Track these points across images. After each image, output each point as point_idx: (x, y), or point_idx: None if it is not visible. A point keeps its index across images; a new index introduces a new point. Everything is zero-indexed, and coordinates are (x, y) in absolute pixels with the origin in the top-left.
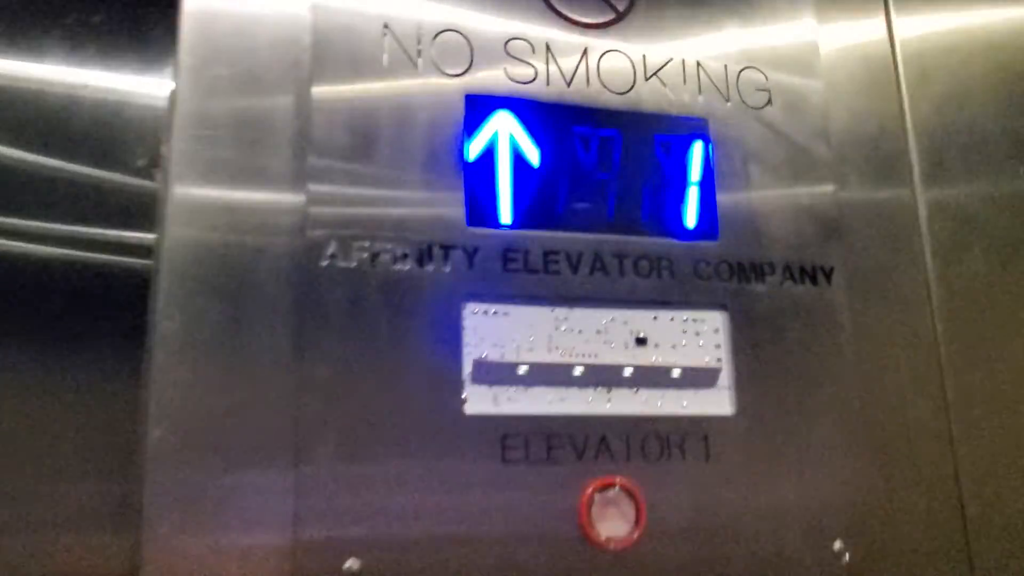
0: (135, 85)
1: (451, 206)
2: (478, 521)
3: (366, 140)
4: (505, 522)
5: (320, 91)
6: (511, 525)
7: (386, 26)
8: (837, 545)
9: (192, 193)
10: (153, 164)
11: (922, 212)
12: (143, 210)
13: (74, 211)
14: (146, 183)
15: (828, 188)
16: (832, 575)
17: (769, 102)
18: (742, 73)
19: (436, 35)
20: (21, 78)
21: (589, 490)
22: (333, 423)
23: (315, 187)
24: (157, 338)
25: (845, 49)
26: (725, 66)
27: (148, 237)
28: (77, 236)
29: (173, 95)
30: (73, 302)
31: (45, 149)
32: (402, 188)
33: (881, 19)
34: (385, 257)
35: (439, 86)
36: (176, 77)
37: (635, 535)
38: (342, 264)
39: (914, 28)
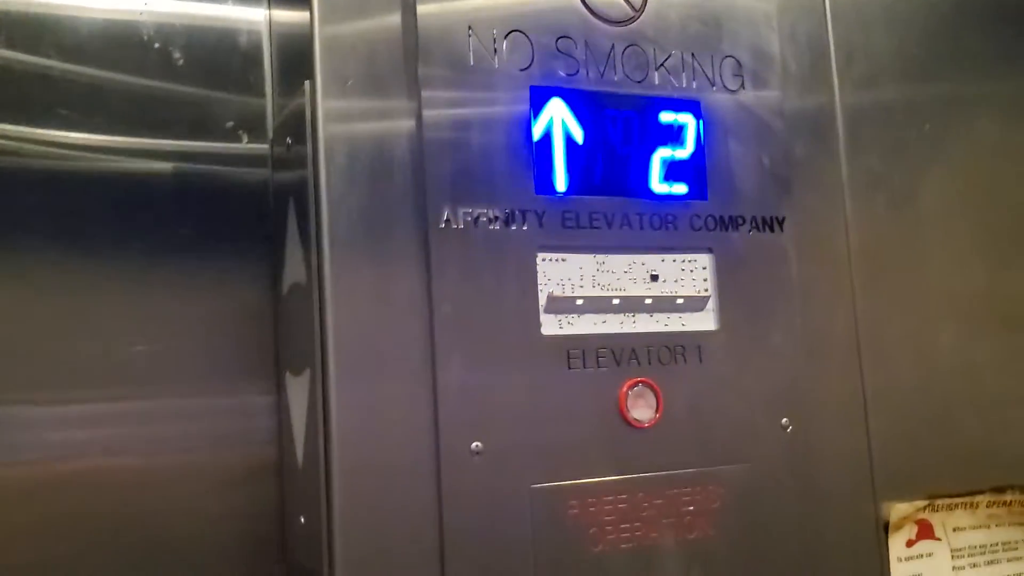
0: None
1: (525, 177)
2: (554, 409)
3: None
4: (570, 410)
5: (428, 95)
6: (574, 412)
7: (470, 27)
8: (784, 420)
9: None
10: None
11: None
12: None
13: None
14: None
15: (782, 154)
16: (780, 441)
17: (743, 86)
18: (724, 61)
19: (507, 35)
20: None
21: (624, 387)
22: (458, 343)
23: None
24: (326, 240)
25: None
26: (711, 56)
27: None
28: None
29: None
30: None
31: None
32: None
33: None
34: (483, 220)
35: (513, 79)
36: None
37: (656, 416)
38: (454, 227)
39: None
